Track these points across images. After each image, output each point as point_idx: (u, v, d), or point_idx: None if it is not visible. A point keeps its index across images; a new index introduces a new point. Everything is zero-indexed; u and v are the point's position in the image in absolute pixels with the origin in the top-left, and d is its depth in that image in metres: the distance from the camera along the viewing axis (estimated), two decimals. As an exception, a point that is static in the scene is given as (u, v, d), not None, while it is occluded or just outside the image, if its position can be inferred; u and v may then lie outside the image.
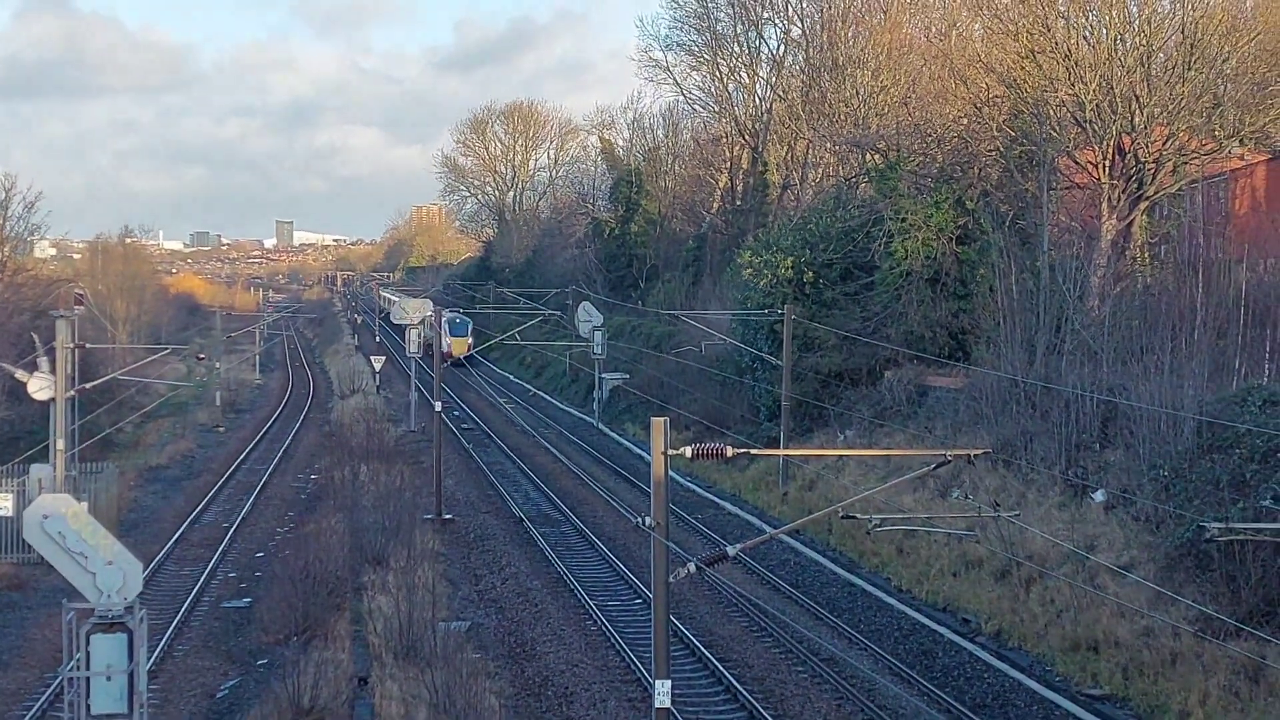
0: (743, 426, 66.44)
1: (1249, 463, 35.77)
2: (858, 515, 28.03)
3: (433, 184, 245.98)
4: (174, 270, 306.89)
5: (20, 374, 51.05)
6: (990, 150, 60.58)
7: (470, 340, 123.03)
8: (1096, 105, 52.53)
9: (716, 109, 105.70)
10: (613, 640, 39.20)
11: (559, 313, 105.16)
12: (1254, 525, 29.06)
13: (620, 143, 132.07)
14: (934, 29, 77.20)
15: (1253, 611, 31.88)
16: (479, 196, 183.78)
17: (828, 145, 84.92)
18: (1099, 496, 41.31)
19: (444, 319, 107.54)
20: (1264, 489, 33.82)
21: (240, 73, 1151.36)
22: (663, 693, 23.10)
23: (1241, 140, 55.50)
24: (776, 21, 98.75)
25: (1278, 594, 31.86)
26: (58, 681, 31.53)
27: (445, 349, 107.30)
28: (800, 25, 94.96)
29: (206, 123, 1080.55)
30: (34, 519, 19.77)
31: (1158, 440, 39.85)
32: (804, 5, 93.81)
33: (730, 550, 27.91)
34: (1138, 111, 52.07)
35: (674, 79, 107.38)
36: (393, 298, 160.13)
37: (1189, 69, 51.72)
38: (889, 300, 60.71)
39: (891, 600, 42.75)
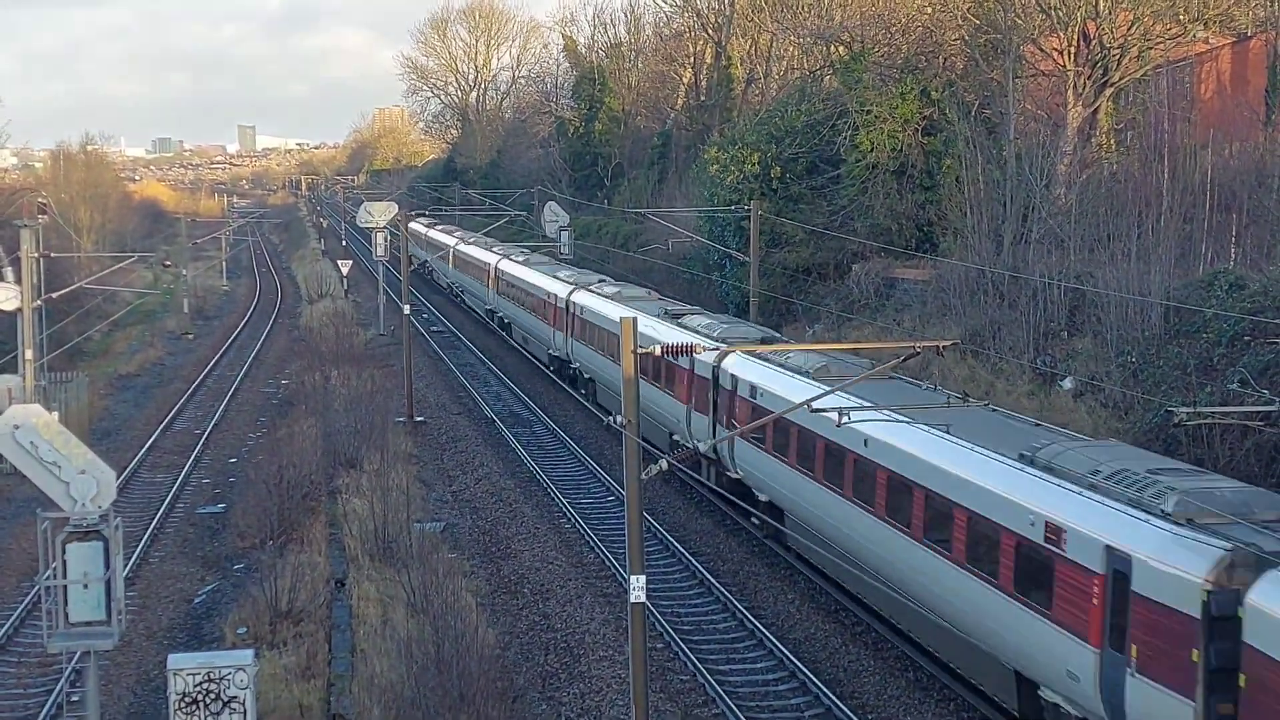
0: (712, 323, 66.41)
1: (1216, 347, 36.04)
2: (826, 409, 28.15)
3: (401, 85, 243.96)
4: (137, 177, 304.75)
5: (-15, 285, 50.74)
6: (955, 39, 60.28)
7: None
8: (1061, -9, 52.23)
9: (679, 2, 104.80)
10: (587, 537, 39.46)
11: (525, 213, 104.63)
12: (1221, 409, 29.30)
13: (582, 40, 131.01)
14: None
15: (1220, 494, 32.12)
16: (442, 97, 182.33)
17: (791, 38, 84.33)
18: (1068, 384, 41.54)
19: None
20: (1231, 372, 34.07)
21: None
22: (637, 587, 23.29)
23: (1206, 24, 55.34)
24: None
25: (1245, 476, 32.15)
26: (35, 590, 31.66)
27: None
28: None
29: (201, 28, 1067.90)
30: (5, 429, 19.71)
31: (1125, 327, 40.07)
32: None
33: (702, 446, 28.09)
34: (1102, -3, 51.82)
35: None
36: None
37: (1153, -48, 51.45)
38: (855, 193, 60.63)
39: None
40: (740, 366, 37.98)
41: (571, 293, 60.30)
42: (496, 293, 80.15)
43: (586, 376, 58.04)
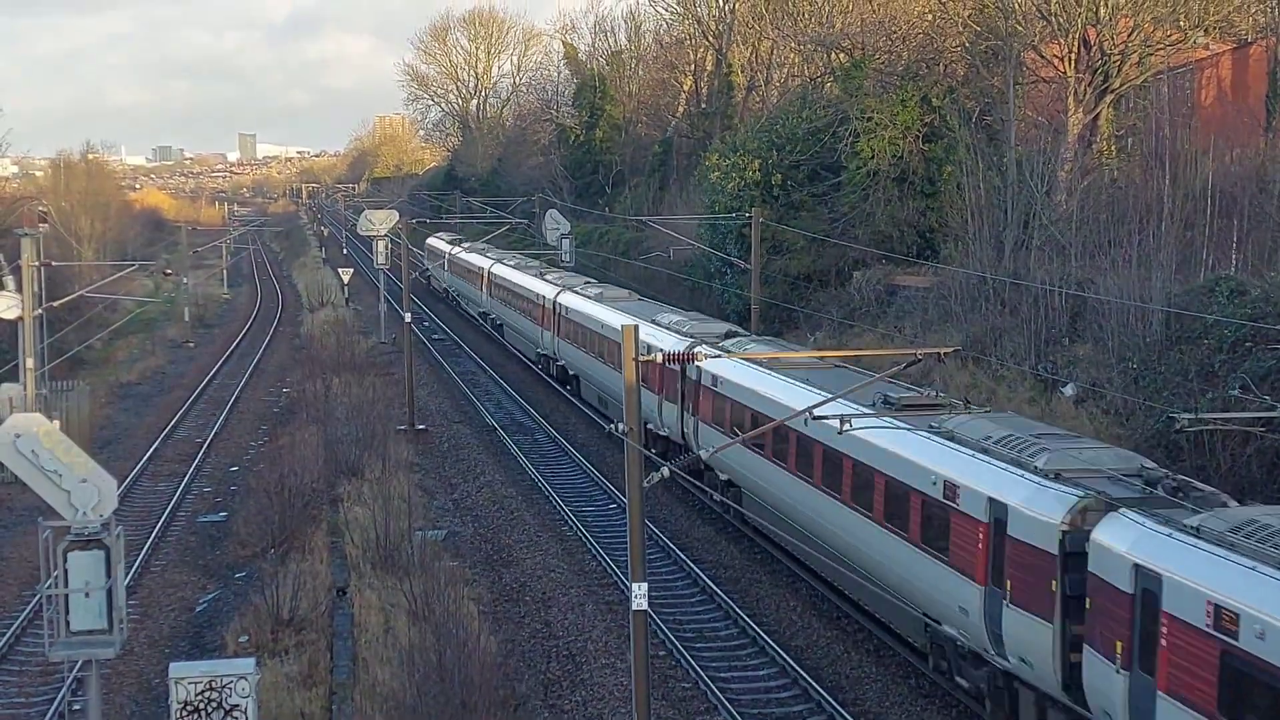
0: (713, 330, 66.26)
1: (1217, 353, 36.01)
2: (828, 416, 28.11)
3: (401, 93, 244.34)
4: (137, 186, 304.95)
5: (-14, 293, 50.75)
6: (956, 46, 60.32)
7: None
8: (1061, -2, 52.30)
9: (680, 9, 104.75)
10: (589, 545, 39.42)
11: (526, 221, 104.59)
12: (1223, 415, 29.27)
13: (583, 48, 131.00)
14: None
15: (1222, 500, 32.09)
16: (442, 105, 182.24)
17: (792, 45, 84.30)
18: (1069, 390, 41.51)
19: None
20: (1232, 379, 34.05)
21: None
22: (639, 595, 23.26)
23: (1206, 30, 55.38)
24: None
25: (1247, 483, 32.15)
26: (36, 599, 31.63)
27: None
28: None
29: (203, 36, 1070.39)
30: (6, 438, 19.67)
31: (1126, 333, 40.05)
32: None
33: (704, 454, 28.07)
34: (1103, 3, 51.82)
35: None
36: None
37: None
38: (856, 200, 60.64)
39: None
40: (1138, 545, 20.67)
41: (692, 347, 36.91)
42: (557, 334, 63.56)
43: (724, 477, 40.08)
